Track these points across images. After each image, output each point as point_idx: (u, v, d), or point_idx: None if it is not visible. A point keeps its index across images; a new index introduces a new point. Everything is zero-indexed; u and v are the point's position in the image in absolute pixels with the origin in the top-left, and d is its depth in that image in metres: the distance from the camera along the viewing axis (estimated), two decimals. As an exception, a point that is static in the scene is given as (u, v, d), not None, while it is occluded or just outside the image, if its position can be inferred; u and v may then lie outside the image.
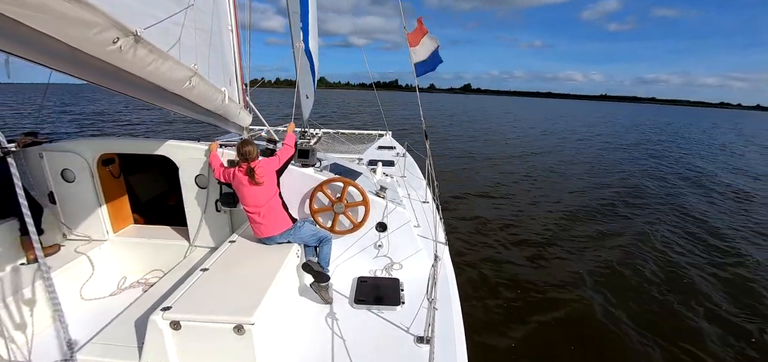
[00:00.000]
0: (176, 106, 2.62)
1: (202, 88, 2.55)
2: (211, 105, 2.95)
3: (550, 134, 27.59)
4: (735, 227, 8.41)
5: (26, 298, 2.58)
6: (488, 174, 12.63)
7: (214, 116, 3.37)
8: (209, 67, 2.95)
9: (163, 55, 1.94)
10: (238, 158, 2.73)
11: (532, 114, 55.85)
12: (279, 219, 2.79)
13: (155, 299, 2.36)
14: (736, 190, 12.03)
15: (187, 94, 2.40)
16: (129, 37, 1.62)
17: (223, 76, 3.63)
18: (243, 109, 4.04)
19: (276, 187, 2.82)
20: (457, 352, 2.21)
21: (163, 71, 1.99)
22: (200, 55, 2.71)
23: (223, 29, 3.82)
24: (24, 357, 2.41)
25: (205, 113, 3.16)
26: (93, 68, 1.70)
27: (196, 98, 2.58)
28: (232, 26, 4.20)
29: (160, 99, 2.36)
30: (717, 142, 28.01)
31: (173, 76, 2.13)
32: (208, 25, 2.99)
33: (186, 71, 2.26)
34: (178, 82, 2.22)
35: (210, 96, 2.78)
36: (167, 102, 2.45)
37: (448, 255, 3.44)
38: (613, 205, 9.60)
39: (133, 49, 1.68)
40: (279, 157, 2.90)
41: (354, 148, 7.07)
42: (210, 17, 3.02)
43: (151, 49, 1.80)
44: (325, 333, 2.39)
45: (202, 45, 2.80)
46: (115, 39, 1.55)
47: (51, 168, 3.17)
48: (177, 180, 3.28)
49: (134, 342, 2.05)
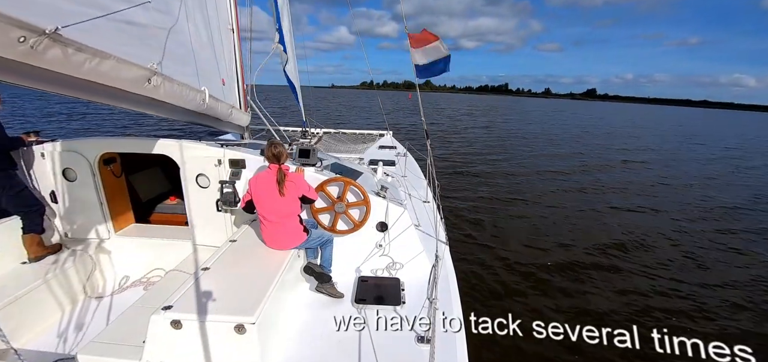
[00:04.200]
0: (148, 107, 2.54)
1: (169, 88, 2.49)
2: (191, 104, 2.90)
3: (720, 159, 19.14)
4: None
5: (27, 297, 2.59)
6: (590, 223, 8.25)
7: (202, 116, 3.33)
8: (184, 67, 2.94)
9: (100, 53, 1.84)
10: (268, 160, 2.67)
11: (685, 127, 41.80)
12: (293, 236, 2.72)
13: (156, 298, 2.36)
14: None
15: (151, 93, 2.34)
16: (40, 35, 1.53)
17: (213, 76, 3.63)
18: (236, 109, 4.03)
19: (297, 208, 2.74)
20: (457, 352, 2.21)
21: (104, 71, 1.89)
22: (171, 55, 2.67)
23: (218, 30, 3.83)
24: (25, 356, 2.42)
25: (190, 114, 3.12)
26: (15, 71, 1.59)
27: (166, 97, 2.51)
28: (232, 26, 4.21)
29: (122, 101, 2.27)
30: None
31: (122, 75, 2.04)
32: (180, 24, 2.96)
33: (140, 70, 2.18)
34: (133, 82, 2.15)
35: (184, 95, 2.73)
36: (132, 104, 2.37)
37: (449, 254, 3.44)
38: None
39: (50, 48, 1.60)
40: (308, 189, 2.81)
41: (355, 148, 7.08)
42: (181, 18, 2.98)
43: (78, 48, 1.72)
44: (326, 333, 2.39)
45: (173, 45, 2.76)
46: (21, 38, 1.47)
47: (52, 167, 3.18)
48: (178, 179, 3.28)
49: (135, 341, 2.05)
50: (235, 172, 3.23)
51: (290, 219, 2.70)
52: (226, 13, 4.10)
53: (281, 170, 2.61)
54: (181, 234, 3.54)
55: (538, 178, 12.49)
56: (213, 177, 3.24)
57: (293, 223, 2.72)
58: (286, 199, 2.63)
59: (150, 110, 2.59)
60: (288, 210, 2.67)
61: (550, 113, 57.03)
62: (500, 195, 9.97)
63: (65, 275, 2.91)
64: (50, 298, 2.77)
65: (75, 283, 3.00)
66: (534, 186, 11.25)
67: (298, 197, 2.72)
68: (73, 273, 2.99)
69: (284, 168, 2.64)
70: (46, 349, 2.46)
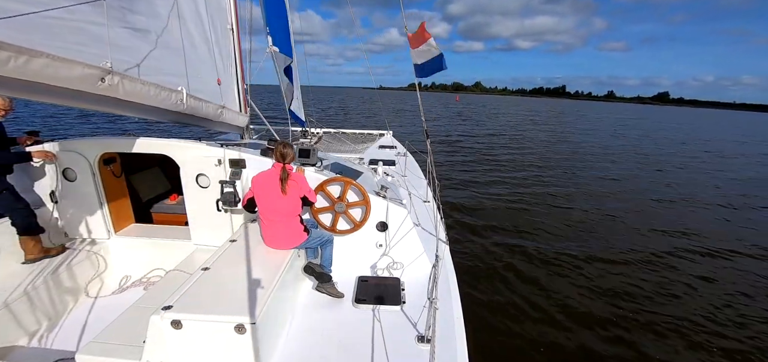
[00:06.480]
0: (116, 107, 2.49)
1: (131, 87, 2.46)
2: (166, 104, 2.89)
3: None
4: None
5: (26, 298, 2.59)
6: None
7: (187, 117, 3.33)
8: (163, 66, 2.94)
9: (26, 51, 1.77)
10: (275, 158, 2.68)
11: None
12: (293, 235, 2.72)
13: (156, 298, 2.36)
14: None
15: (110, 92, 2.30)
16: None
17: (205, 76, 3.64)
18: (228, 110, 4.01)
19: (298, 208, 2.75)
20: (457, 352, 2.21)
21: (35, 69, 1.82)
22: (140, 54, 2.65)
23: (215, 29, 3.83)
24: (25, 356, 2.42)
25: (171, 114, 3.12)
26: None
27: (129, 97, 2.47)
28: (232, 26, 4.21)
29: (81, 100, 2.22)
30: None
31: (62, 73, 1.97)
32: (162, 24, 2.97)
33: (87, 69, 2.12)
34: (81, 81, 2.10)
35: (154, 95, 2.70)
36: (94, 103, 2.32)
37: (449, 254, 3.43)
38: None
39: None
40: (309, 190, 2.83)
41: (355, 148, 7.07)
42: (163, 16, 2.99)
43: (2, 47, 1.67)
44: (326, 333, 2.39)
45: (145, 44, 2.76)
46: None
47: (52, 167, 3.18)
48: (178, 179, 3.28)
49: (135, 341, 2.05)
50: (235, 172, 3.23)
51: (291, 219, 2.71)
52: (225, 13, 4.09)
53: (285, 169, 2.62)
54: (181, 234, 3.54)
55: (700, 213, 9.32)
56: (213, 177, 3.24)
57: (294, 223, 2.72)
58: (287, 198, 2.63)
59: (122, 110, 2.55)
60: (289, 210, 2.67)
61: (634, 120, 50.84)
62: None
63: (65, 275, 2.91)
64: (50, 298, 2.77)
65: (75, 283, 3.00)
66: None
67: (299, 197, 2.73)
68: (73, 273, 2.99)
69: (288, 167, 2.65)
70: (47, 349, 2.46)
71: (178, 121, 3.32)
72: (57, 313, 2.80)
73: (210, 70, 3.77)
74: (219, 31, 3.94)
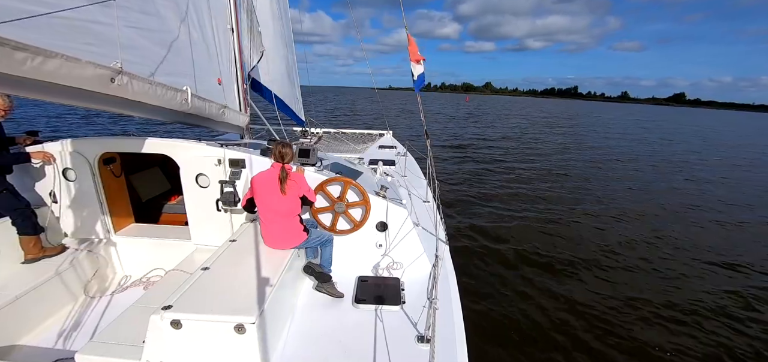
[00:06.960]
0: (124, 107, 2.52)
1: (140, 87, 2.48)
2: (172, 104, 2.90)
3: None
4: None
5: (28, 297, 2.59)
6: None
7: (190, 117, 3.34)
8: (167, 66, 2.95)
9: (43, 52, 1.79)
10: (273, 158, 2.69)
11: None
12: (293, 235, 2.72)
13: (156, 298, 2.36)
14: None
15: (120, 93, 2.32)
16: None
17: (206, 76, 3.66)
18: (229, 109, 4.03)
19: (298, 207, 2.75)
20: (457, 352, 2.21)
21: (50, 70, 1.85)
22: (146, 54, 2.66)
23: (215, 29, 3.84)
24: (25, 355, 2.42)
25: (175, 114, 3.13)
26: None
27: (138, 97, 2.49)
28: (232, 26, 4.22)
29: (92, 101, 2.24)
30: None
31: (75, 73, 1.99)
32: (166, 24, 2.99)
33: (99, 69, 2.14)
34: (94, 81, 2.11)
35: (161, 95, 2.72)
36: (106, 104, 2.36)
37: (449, 254, 3.43)
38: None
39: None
40: (308, 190, 2.84)
41: (355, 148, 7.07)
42: (164, 16, 3.00)
43: (15, 47, 1.67)
44: (326, 333, 2.39)
45: (151, 44, 2.77)
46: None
47: (52, 167, 3.18)
48: (178, 179, 3.28)
49: (135, 341, 2.05)
50: (235, 172, 3.23)
51: (290, 219, 2.71)
52: (226, 13, 4.10)
53: (284, 169, 2.62)
54: (181, 234, 3.54)
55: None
56: (213, 177, 3.24)
57: (293, 223, 2.72)
58: (287, 198, 2.63)
59: (129, 110, 2.57)
60: (288, 209, 2.67)
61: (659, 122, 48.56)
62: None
63: (65, 275, 2.91)
64: (50, 298, 2.77)
65: (75, 283, 3.00)
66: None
67: (299, 197, 2.73)
68: (73, 273, 2.99)
69: (287, 167, 2.65)
70: (46, 349, 2.46)
71: (181, 121, 3.32)
72: (57, 313, 2.80)
73: (211, 70, 3.79)
74: (219, 31, 3.96)
